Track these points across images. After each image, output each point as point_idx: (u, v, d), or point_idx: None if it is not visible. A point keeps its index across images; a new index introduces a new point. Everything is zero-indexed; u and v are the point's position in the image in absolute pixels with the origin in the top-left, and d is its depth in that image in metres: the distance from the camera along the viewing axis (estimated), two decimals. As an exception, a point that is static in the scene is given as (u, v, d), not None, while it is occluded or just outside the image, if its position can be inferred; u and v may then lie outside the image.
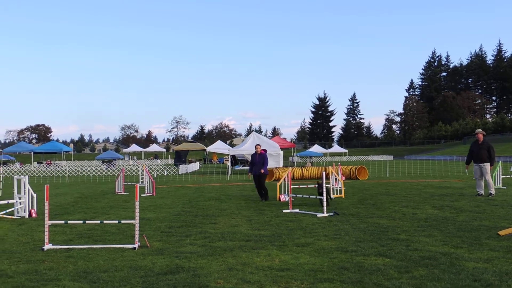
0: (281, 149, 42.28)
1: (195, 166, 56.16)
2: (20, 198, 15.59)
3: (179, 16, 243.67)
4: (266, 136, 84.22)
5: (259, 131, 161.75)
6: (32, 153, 69.53)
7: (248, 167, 49.67)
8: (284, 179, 19.28)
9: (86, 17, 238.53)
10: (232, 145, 76.51)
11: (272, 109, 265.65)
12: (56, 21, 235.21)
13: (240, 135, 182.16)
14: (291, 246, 10.06)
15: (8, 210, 15.51)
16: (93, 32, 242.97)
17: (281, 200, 18.79)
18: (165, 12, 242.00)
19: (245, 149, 41.24)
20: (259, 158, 20.01)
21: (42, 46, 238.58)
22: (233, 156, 50.98)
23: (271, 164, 38.56)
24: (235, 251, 9.60)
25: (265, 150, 20.83)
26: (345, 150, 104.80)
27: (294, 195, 17.29)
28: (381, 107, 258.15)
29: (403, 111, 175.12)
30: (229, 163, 44.43)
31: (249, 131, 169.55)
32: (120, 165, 57.27)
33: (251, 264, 8.51)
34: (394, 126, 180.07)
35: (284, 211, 15.75)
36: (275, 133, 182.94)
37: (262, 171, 19.79)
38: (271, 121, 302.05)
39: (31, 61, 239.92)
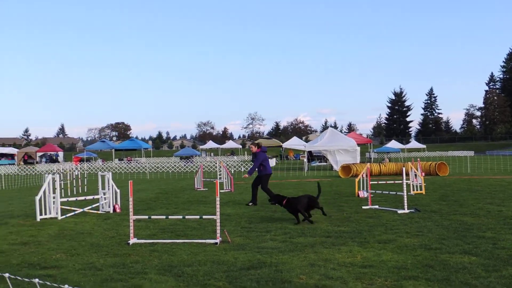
0: (358, 145, 41.85)
1: (271, 162, 56.35)
2: (104, 194, 16.10)
3: (255, 14, 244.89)
4: (342, 132, 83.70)
5: (335, 127, 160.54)
6: (113, 150, 71.68)
7: (325, 163, 49.68)
8: (363, 175, 19.08)
9: (163, 15, 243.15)
10: (307, 141, 76.38)
11: (347, 104, 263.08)
12: (132, 20, 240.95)
13: (316, 131, 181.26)
14: (372, 242, 9.96)
15: (93, 206, 16.02)
16: (169, 30, 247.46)
17: (360, 196, 18.60)
18: (241, 10, 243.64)
19: (322, 145, 41.05)
20: (253, 158, 17.88)
21: (120, 46, 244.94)
22: (310, 152, 50.88)
23: (347, 160, 38.25)
24: (316, 247, 9.59)
25: (260, 148, 18.13)
26: (423, 146, 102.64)
27: (374, 191, 17.09)
28: (459, 102, 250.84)
29: (483, 105, 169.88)
30: (305, 159, 44.38)
31: (324, 127, 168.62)
32: (197, 162, 58.17)
33: (333, 260, 8.47)
34: (474, 120, 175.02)
35: (363, 207, 15.60)
36: (350, 128, 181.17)
37: (246, 175, 18.02)
38: (346, 116, 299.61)
39: (110, 61, 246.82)
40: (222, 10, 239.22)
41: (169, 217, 11.92)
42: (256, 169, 17.93)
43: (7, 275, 4.45)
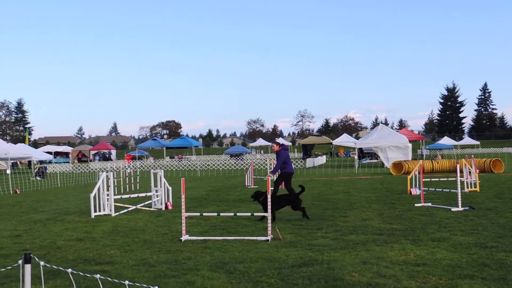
0: (409, 141, 41.28)
1: (321, 160, 56.09)
2: (157, 191, 16.31)
3: (305, 12, 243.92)
4: (393, 129, 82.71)
5: (385, 124, 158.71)
6: (164, 148, 72.52)
7: (376, 160, 49.22)
8: (415, 172, 18.82)
9: (212, 16, 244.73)
10: (357, 138, 75.68)
11: (398, 101, 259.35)
12: (184, 21, 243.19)
13: (366, 128, 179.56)
14: (426, 240, 9.81)
15: (146, 203, 16.25)
16: (219, 29, 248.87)
17: (412, 193, 18.35)
18: (289, 8, 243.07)
19: (372, 141, 40.65)
20: (277, 157, 17.28)
21: (171, 46, 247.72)
22: (360, 149, 50.46)
23: (399, 157, 37.79)
24: (368, 245, 9.50)
25: (282, 146, 17.49)
26: (477, 142, 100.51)
27: (426, 189, 16.83)
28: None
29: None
30: (356, 156, 44.04)
31: (375, 124, 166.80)
32: (248, 159, 58.37)
33: (386, 258, 8.38)
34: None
35: (416, 204, 15.38)
36: (402, 125, 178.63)
37: (270, 175, 16.70)
38: (397, 113, 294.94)
39: (162, 61, 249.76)
40: (270, 8, 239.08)
41: (221, 214, 12.01)
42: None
43: (69, 270, 4.55)
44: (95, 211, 14.66)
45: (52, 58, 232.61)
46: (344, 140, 58.98)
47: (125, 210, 15.34)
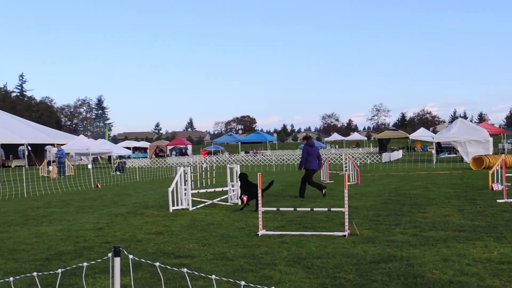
0: (490, 135, 40.01)
1: (398, 154, 55.19)
2: (233, 186, 16.45)
3: (382, 6, 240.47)
4: (472, 122, 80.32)
5: (464, 117, 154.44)
6: (239, 143, 73.09)
7: (454, 155, 48.02)
8: (497, 167, 18.23)
9: (292, 17, 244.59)
10: (435, 132, 73.94)
11: (477, 94, 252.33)
12: (261, 23, 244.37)
13: (444, 122, 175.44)
14: (510, 238, 9.48)
15: (222, 197, 16.41)
16: (293, 29, 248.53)
17: (494, 189, 17.78)
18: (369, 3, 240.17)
19: (451, 136, 39.64)
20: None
21: (248, 45, 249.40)
22: (438, 143, 49.31)
23: (479, 151, 36.70)
24: (448, 242, 9.27)
25: (306, 141, 18.05)
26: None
27: (509, 184, 16.27)
28: None
29: None
30: (433, 151, 43.06)
31: (453, 118, 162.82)
32: (322, 154, 58.05)
33: (468, 255, 8.15)
34: None
35: (498, 200, 14.89)
36: (481, 119, 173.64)
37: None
38: (476, 106, 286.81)
39: (235, 57, 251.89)
40: (346, 2, 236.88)
41: (297, 209, 11.97)
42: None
43: (157, 264, 4.64)
44: (173, 205, 14.92)
45: (131, 56, 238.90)
46: (421, 134, 57.74)
47: (202, 205, 15.54)
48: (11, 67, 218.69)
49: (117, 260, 4.49)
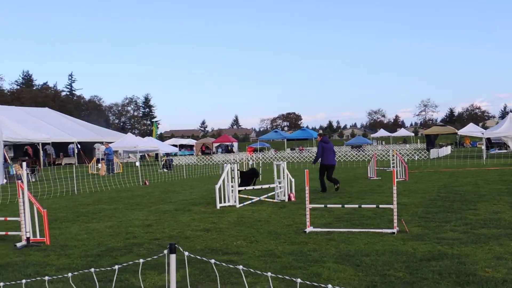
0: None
1: (446, 150, 54.25)
2: (279, 183, 16.43)
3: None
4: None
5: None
6: (285, 140, 73.01)
7: (505, 151, 46.97)
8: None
9: (335, 14, 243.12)
10: (484, 127, 72.59)
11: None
12: (306, 22, 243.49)
13: (494, 117, 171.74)
14: None
15: (269, 194, 16.40)
16: (338, 24, 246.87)
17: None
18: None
19: (502, 131, 38.78)
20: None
21: (294, 42, 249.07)
22: (488, 139, 48.31)
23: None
24: (501, 239, 9.06)
25: (321, 138, 19.45)
26: None
27: None
28: None
29: None
30: (483, 147, 42.21)
31: (504, 113, 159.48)
32: (369, 150, 57.56)
33: (521, 253, 7.96)
34: None
35: (552, 197, 14.51)
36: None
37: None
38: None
39: (283, 56, 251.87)
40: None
41: (345, 206, 11.88)
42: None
43: (213, 261, 4.67)
44: (220, 202, 14.99)
45: (177, 55, 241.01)
46: (470, 130, 56.62)
47: (249, 202, 15.57)
48: (61, 67, 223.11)
49: (173, 257, 4.54)
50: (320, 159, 18.93)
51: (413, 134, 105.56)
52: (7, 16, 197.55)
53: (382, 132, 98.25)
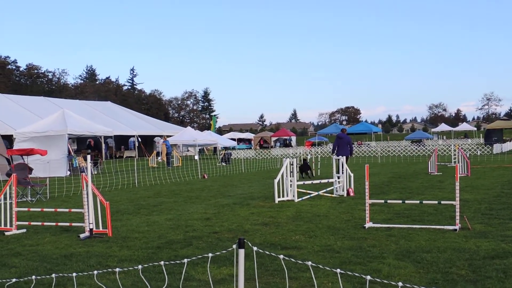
0: None
1: (510, 145, 52.79)
2: (338, 178, 16.31)
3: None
4: None
5: None
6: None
7: None
8: None
9: (393, 11, 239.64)
10: (551, 122, 70.22)
11: None
12: (365, 18, 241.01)
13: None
14: None
15: (328, 189, 16.31)
16: (398, 20, 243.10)
17: None
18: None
19: None
20: None
21: (352, 38, 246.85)
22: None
23: None
24: None
25: (344, 131, 23.56)
26: None
27: None
28: None
29: None
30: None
31: None
32: (429, 145, 56.57)
33: None
34: None
35: None
36: None
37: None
38: None
39: (340, 51, 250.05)
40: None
41: (406, 201, 11.71)
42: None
43: (281, 256, 4.69)
44: (278, 197, 14.99)
45: (236, 50, 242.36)
46: (536, 124, 55.04)
47: (308, 196, 15.52)
48: (123, 62, 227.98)
49: (242, 251, 4.57)
50: (336, 151, 22.43)
51: (475, 129, 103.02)
52: (72, 13, 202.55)
53: (443, 127, 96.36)
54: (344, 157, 18.92)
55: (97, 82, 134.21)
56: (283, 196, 15.18)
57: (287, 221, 11.55)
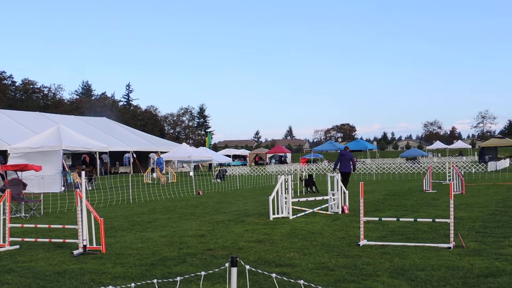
0: None
1: (505, 163, 52.92)
2: (333, 195, 16.32)
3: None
4: None
5: None
6: (339, 151, 72.43)
7: None
8: None
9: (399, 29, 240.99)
10: (546, 140, 70.40)
11: None
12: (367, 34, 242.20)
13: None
14: None
15: (322, 206, 16.30)
16: (393, 37, 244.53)
17: None
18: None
19: None
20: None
21: (355, 56, 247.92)
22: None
23: None
24: (563, 256, 8.77)
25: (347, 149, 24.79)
26: None
27: None
28: None
29: None
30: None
31: None
32: (424, 163, 56.66)
33: None
34: None
35: None
36: None
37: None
38: None
39: (337, 69, 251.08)
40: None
41: (400, 219, 11.72)
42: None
43: (274, 275, 4.68)
44: (273, 214, 14.98)
45: (232, 66, 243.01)
46: (530, 142, 55.20)
47: (302, 213, 15.51)
48: (119, 77, 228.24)
49: (234, 270, 4.57)
50: (338, 167, 23.21)
51: (470, 147, 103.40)
52: (69, 28, 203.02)
53: (438, 144, 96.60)
54: (340, 173, 19.99)
55: (93, 98, 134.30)
56: (277, 213, 15.16)
57: (282, 238, 11.54)
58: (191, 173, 36.66)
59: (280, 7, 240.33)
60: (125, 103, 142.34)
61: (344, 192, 16.42)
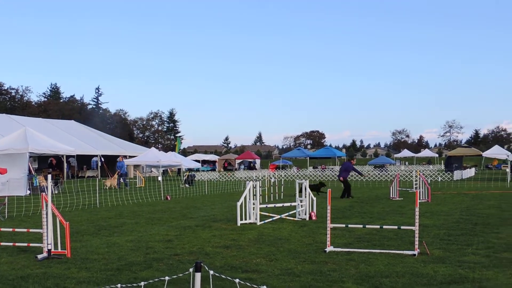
0: None
1: (470, 172, 53.72)
2: (301, 201, 16.39)
3: (465, 14, 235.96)
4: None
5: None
6: (308, 158, 72.87)
7: None
8: None
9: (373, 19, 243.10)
10: (510, 150, 71.79)
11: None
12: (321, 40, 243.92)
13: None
14: None
15: (290, 212, 16.36)
16: (367, 45, 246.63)
17: None
18: (452, 11, 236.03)
19: (527, 154, 38.33)
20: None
21: (320, 62, 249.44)
22: (513, 162, 47.68)
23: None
24: (524, 264, 8.94)
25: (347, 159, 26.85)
26: None
27: None
28: None
29: None
30: (508, 169, 41.75)
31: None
32: (392, 170, 57.20)
33: (544, 279, 7.84)
34: None
35: None
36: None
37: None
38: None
39: (309, 73, 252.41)
40: (433, 11, 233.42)
41: (366, 226, 11.82)
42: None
43: (237, 280, 4.68)
44: (241, 219, 14.99)
45: (201, 71, 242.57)
46: (495, 152, 56.10)
47: (270, 219, 15.55)
48: (88, 80, 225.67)
49: (198, 275, 4.56)
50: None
51: (437, 155, 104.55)
52: (36, 29, 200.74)
53: (405, 153, 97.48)
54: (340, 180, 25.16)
55: (61, 101, 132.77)
56: (245, 219, 15.18)
57: (249, 244, 11.55)
58: (160, 178, 36.46)
59: (248, 16, 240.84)
60: (94, 106, 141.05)
61: (312, 199, 16.51)
